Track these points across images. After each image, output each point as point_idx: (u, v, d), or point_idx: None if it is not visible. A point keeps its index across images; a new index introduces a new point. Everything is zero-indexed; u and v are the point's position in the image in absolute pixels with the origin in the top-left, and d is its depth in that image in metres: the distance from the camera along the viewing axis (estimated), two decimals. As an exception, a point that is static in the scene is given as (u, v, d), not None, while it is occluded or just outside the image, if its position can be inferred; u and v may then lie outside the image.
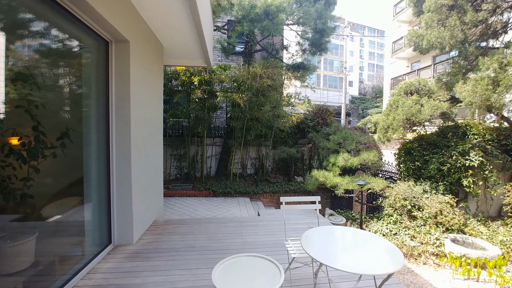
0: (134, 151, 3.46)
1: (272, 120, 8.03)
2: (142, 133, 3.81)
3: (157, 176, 4.70)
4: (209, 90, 7.60)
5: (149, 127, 4.17)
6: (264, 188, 8.00)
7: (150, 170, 4.22)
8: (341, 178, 4.87)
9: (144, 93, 3.90)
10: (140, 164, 3.70)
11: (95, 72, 3.16)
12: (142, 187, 3.83)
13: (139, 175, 3.66)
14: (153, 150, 4.41)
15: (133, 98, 3.41)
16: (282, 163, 9.31)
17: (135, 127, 3.48)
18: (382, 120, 5.57)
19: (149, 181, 4.19)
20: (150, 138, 4.20)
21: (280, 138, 9.20)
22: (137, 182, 3.56)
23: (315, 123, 9.15)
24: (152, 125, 4.36)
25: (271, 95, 8.01)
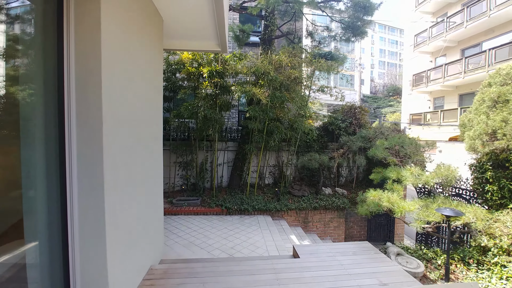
0: (110, 170, 2.06)
1: (298, 121, 6.57)
2: (126, 140, 2.41)
3: (154, 203, 3.29)
4: (221, 83, 6.18)
5: (140, 131, 2.77)
6: (288, 204, 6.53)
7: (141, 195, 2.82)
8: (413, 203, 3.40)
9: (130, 79, 2.50)
10: (121, 189, 2.29)
11: (37, 42, 1.79)
12: (126, 224, 2.42)
13: (120, 207, 2.25)
14: (147, 165, 3.01)
15: (107, 86, 2.01)
16: (306, 171, 7.83)
17: (111, 133, 2.08)
18: (479, 121, 3.90)
19: (140, 212, 2.79)
20: (141, 148, 2.79)
21: (304, 142, 7.73)
22: (115, 218, 2.16)
23: (347, 124, 7.63)
24: (145, 128, 2.95)
25: (297, 90, 6.56)
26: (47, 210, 1.86)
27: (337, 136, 7.75)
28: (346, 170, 8.40)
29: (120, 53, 2.24)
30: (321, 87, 6.57)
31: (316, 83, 7.02)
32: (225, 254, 4.25)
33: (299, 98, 6.36)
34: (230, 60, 6.31)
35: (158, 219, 3.48)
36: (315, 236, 6.56)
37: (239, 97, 6.00)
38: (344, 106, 8.16)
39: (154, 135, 3.31)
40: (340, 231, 6.85)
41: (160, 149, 3.57)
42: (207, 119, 6.21)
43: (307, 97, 6.74)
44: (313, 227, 6.68)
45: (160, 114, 3.56)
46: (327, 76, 7.25)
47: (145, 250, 2.95)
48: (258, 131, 6.43)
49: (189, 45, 4.54)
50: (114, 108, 2.14)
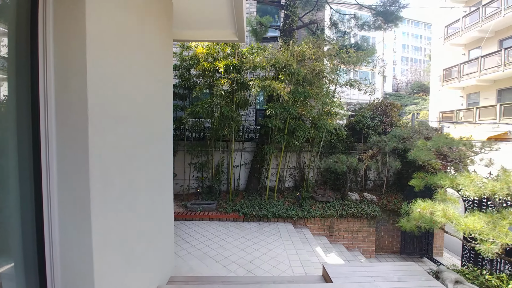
0: (99, 178, 1.61)
1: (322, 119, 5.93)
2: (123, 142, 1.97)
3: (162, 214, 2.85)
4: (238, 79, 5.70)
5: (143, 130, 2.33)
6: (312, 211, 5.92)
7: (145, 205, 2.38)
8: (476, 219, 2.70)
9: (129, 69, 2.06)
10: (116, 201, 1.85)
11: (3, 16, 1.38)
12: (123, 243, 1.98)
13: (114, 223, 1.81)
14: (152, 169, 2.57)
15: (94, 74, 1.56)
16: (330, 174, 7.16)
17: (100, 132, 1.63)
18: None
19: (143, 226, 2.35)
20: (144, 150, 2.35)
21: (328, 142, 7.07)
22: (106, 237, 1.71)
23: (377, 122, 6.86)
24: (150, 126, 2.51)
25: (321, 85, 5.93)
26: (18, 231, 1.44)
27: (365, 136, 7.01)
28: (374, 173, 7.63)
29: (114, 35, 1.79)
30: (350, 81, 5.88)
31: (338, 79, 6.34)
32: (243, 270, 3.75)
33: (323, 93, 5.73)
34: (248, 53, 5.80)
35: (166, 232, 3.03)
36: (342, 247, 5.90)
37: (257, 92, 5.49)
38: (373, 103, 7.38)
39: (161, 134, 2.87)
40: (369, 242, 6.13)
41: (170, 151, 3.13)
42: (223, 118, 5.75)
43: (333, 92, 6.08)
44: (340, 237, 6.01)
45: (169, 111, 3.12)
46: (351, 70, 6.54)
47: (149, 269, 2.51)
48: (278, 130, 5.87)
49: (203, 35, 4.08)
50: (105, 102, 1.70)
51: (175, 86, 6.46)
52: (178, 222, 5.58)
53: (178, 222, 5.61)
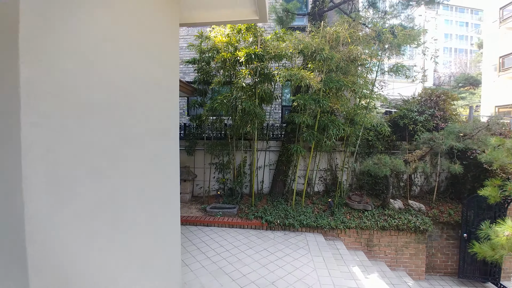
0: (47, 192, 1.08)
1: (360, 114, 5.06)
2: (98, 140, 1.44)
3: (166, 235, 2.33)
4: (261, 69, 5.07)
5: (132, 125, 1.81)
6: (346, 220, 5.07)
7: (136, 226, 1.85)
8: None
9: (111, 43, 1.53)
10: (86, 228, 1.32)
11: None
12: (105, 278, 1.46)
13: (86, 261, 1.27)
14: (151, 178, 2.05)
15: (32, 36, 1.02)
16: (367, 178, 6.22)
17: (51, 123, 1.10)
18: None
19: (138, 254, 1.82)
20: (135, 152, 1.83)
21: (365, 140, 6.13)
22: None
23: (427, 116, 5.75)
24: (145, 121, 1.99)
25: (358, 73, 5.05)
26: None
27: (411, 133, 5.93)
28: (421, 177, 6.48)
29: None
30: (396, 66, 4.87)
31: (380, 64, 5.35)
32: (264, 294, 3.12)
33: (362, 83, 4.85)
34: (272, 40, 5.13)
35: (171, 249, 2.50)
36: (384, 265, 4.97)
37: (282, 83, 4.80)
38: (422, 93, 6.22)
39: (164, 130, 2.34)
40: (418, 261, 5.11)
41: (175, 150, 2.59)
42: (244, 114, 5.15)
43: (373, 82, 5.15)
44: (380, 253, 5.08)
45: (175, 102, 2.58)
46: (393, 54, 5.50)
47: (144, 301, 1.98)
48: (307, 127, 5.12)
49: (217, 15, 3.49)
50: (62, 80, 1.17)
51: (193, 81, 6.04)
52: (195, 228, 5.12)
53: (195, 228, 5.15)
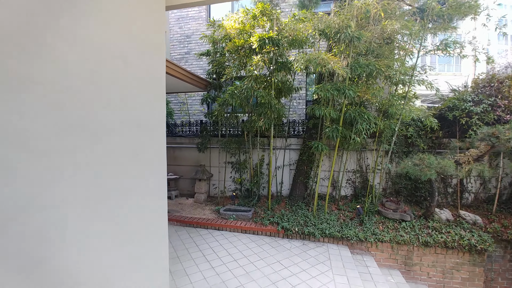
0: None
1: (396, 105, 4.21)
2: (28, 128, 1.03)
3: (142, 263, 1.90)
4: (276, 56, 4.49)
5: (90, 112, 1.39)
6: (378, 232, 4.25)
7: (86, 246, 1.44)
8: None
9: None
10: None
11: None
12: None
13: None
14: (116, 181, 1.63)
15: None
16: (404, 181, 5.26)
17: None
18: None
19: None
20: (93, 147, 1.40)
21: (402, 137, 5.20)
22: None
23: (486, 107, 4.63)
24: (111, 109, 1.57)
25: (393, 56, 4.21)
26: None
27: (463, 128, 4.86)
28: (476, 182, 5.32)
29: None
30: (446, 42, 3.89)
31: (422, 42, 4.38)
32: (270, 321, 2.55)
33: (399, 67, 4.00)
34: (289, 23, 4.51)
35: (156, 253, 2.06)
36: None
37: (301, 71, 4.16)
38: (478, 80, 5.06)
39: (141, 122, 1.92)
40: (473, 287, 4.09)
41: (160, 147, 2.16)
42: (259, 106, 4.62)
43: (413, 66, 4.24)
44: (422, 274, 4.17)
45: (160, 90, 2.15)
46: (439, 33, 4.49)
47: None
48: (331, 121, 4.41)
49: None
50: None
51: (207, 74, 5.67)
52: (205, 232, 4.73)
53: (206, 231, 4.76)
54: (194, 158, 6.68)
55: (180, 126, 7.18)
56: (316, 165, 5.33)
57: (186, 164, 6.83)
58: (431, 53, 4.20)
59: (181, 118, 8.12)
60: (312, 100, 4.95)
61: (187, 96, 7.92)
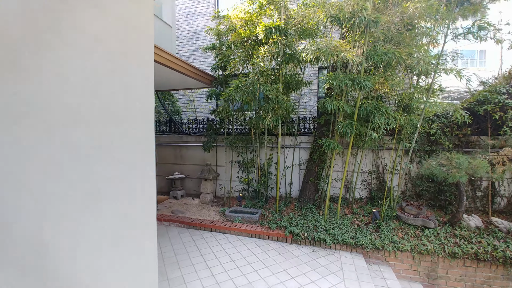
0: None
1: (419, 98, 3.77)
2: None
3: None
4: (284, 47, 4.16)
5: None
6: (397, 240, 3.82)
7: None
8: None
9: None
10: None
11: None
12: None
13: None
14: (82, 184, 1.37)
15: None
16: (426, 183, 4.78)
17: None
18: None
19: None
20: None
21: (425, 134, 4.72)
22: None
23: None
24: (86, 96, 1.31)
25: (415, 43, 3.76)
26: None
27: (496, 124, 4.31)
28: (509, 185, 4.74)
29: None
30: (479, 24, 3.39)
31: (449, 25, 3.86)
32: None
33: (422, 55, 3.55)
34: (298, 10, 4.15)
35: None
36: (454, 306, 3.60)
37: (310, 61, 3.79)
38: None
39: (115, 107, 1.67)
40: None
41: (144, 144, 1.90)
42: (266, 102, 4.31)
43: (439, 55, 3.77)
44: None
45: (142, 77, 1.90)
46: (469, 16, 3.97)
47: None
48: (344, 117, 4.03)
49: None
50: None
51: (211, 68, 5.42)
52: (209, 235, 4.48)
53: (209, 234, 4.51)
54: (201, 157, 6.47)
55: (186, 124, 6.99)
56: (328, 165, 4.94)
57: (192, 163, 6.63)
58: (459, 38, 3.69)
59: (188, 116, 7.95)
60: (324, 94, 4.58)
61: (193, 93, 7.73)
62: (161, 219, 5.01)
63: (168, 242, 4.19)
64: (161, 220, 5.02)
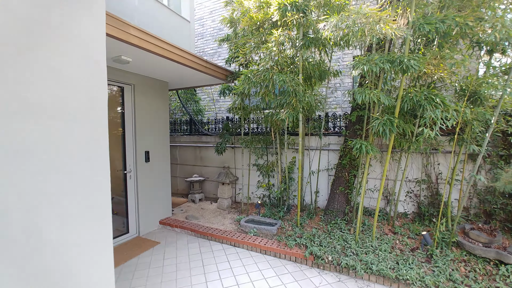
0: None
1: (492, 83, 2.70)
2: None
3: None
4: (305, 28, 3.42)
5: None
6: (457, 279, 2.79)
7: None
8: None
9: None
10: None
11: None
12: None
13: None
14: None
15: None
16: (502, 199, 3.54)
17: None
18: None
19: None
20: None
21: (500, 134, 3.51)
22: None
23: None
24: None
25: (483, 5, 2.70)
26: None
27: None
28: None
29: None
30: None
31: None
32: None
33: (499, 21, 2.49)
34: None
35: None
36: None
37: (335, 41, 2.99)
38: None
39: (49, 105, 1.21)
40: None
41: (93, 146, 1.43)
42: (281, 94, 3.62)
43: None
44: None
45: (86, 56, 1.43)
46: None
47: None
48: (382, 112, 3.13)
49: None
50: None
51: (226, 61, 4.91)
52: (219, 247, 3.98)
53: (220, 246, 4.01)
54: (220, 159, 6.04)
55: (206, 123, 6.64)
56: (362, 171, 4.03)
57: (211, 165, 6.25)
58: None
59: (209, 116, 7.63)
60: (358, 84, 3.71)
61: (212, 90, 7.36)
62: (174, 225, 4.68)
63: (173, 254, 3.80)
64: (173, 226, 4.69)
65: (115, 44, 3.01)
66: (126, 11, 4.21)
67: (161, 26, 4.69)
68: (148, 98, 4.55)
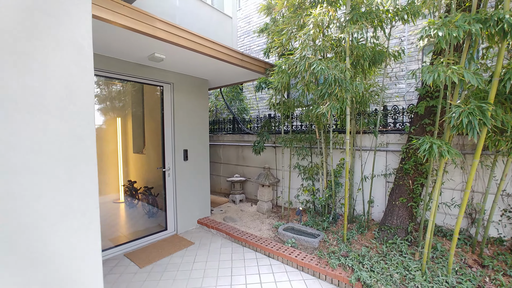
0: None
1: None
2: None
3: None
4: (353, 0, 2.76)
5: None
6: None
7: None
8: None
9: None
10: None
11: None
12: None
13: None
14: None
15: None
16: None
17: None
18: None
19: None
20: None
21: None
22: None
23: None
24: None
25: None
26: None
27: None
28: None
29: None
30: None
31: None
32: None
33: None
34: None
35: None
36: None
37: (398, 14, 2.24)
38: None
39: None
40: None
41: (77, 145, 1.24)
42: (322, 84, 3.02)
43: None
44: None
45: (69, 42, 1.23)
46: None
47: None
48: (466, 98, 2.26)
49: None
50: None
51: (264, 52, 4.51)
52: (252, 255, 3.62)
53: (253, 254, 3.65)
54: (260, 159, 5.70)
55: (249, 122, 6.39)
56: (433, 179, 3.09)
57: (253, 165, 5.96)
58: None
59: (251, 114, 7.37)
60: (434, 56, 2.84)
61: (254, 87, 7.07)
62: (210, 226, 4.55)
63: (204, 257, 3.61)
64: (209, 227, 4.56)
65: (146, 41, 2.96)
66: (169, 11, 4.26)
67: (202, 22, 4.62)
68: (187, 97, 4.52)
